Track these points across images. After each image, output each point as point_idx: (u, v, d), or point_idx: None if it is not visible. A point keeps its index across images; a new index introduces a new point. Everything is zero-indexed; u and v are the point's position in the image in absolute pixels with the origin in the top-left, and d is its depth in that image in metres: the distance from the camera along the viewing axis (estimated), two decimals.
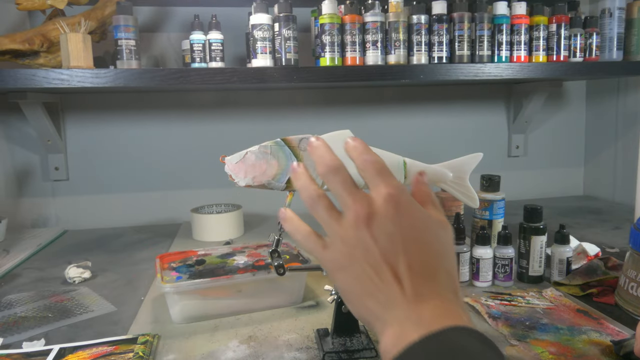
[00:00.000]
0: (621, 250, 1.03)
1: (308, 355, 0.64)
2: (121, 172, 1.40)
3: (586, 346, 0.64)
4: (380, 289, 0.38)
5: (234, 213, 1.24)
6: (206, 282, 0.73)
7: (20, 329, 0.74)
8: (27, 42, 1.05)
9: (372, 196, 0.40)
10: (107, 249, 1.16)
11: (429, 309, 0.36)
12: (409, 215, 0.40)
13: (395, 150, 0.69)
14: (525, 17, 1.19)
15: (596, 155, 1.65)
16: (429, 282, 0.38)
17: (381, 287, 0.38)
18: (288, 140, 0.62)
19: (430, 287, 0.38)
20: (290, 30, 1.09)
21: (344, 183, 0.41)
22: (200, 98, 1.42)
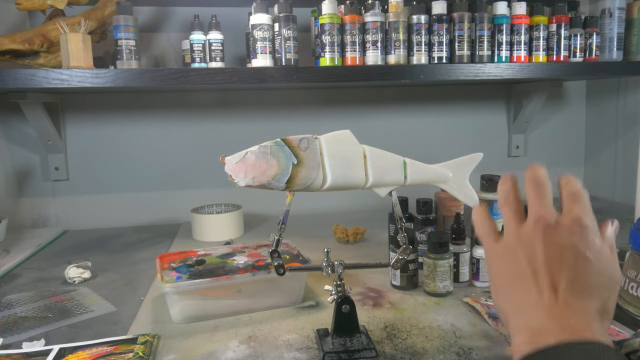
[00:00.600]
0: (621, 250, 1.03)
1: (308, 355, 0.64)
2: (121, 172, 1.40)
3: None
4: (532, 290, 0.39)
5: (234, 213, 1.24)
6: (206, 282, 0.73)
7: (20, 329, 0.74)
8: (27, 42, 1.05)
9: (562, 214, 0.42)
10: (107, 249, 1.16)
11: (573, 320, 0.37)
12: (587, 239, 0.41)
13: (395, 150, 0.69)
14: (525, 17, 1.19)
15: (596, 155, 1.65)
16: (582, 299, 0.38)
17: (533, 288, 0.39)
18: (288, 140, 0.62)
19: (582, 304, 0.38)
20: (290, 30, 1.09)
21: (542, 195, 0.43)
22: (200, 98, 1.42)
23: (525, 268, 0.40)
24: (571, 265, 0.39)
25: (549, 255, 0.40)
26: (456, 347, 0.65)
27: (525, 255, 0.41)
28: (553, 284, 0.39)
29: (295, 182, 0.62)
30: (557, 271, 0.39)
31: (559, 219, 0.42)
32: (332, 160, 0.63)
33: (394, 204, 0.69)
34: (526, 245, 0.41)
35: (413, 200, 0.95)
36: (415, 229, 0.93)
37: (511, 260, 0.42)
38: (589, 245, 0.40)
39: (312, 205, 1.46)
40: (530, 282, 0.40)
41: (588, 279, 0.39)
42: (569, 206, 0.42)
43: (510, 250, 0.42)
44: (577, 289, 0.38)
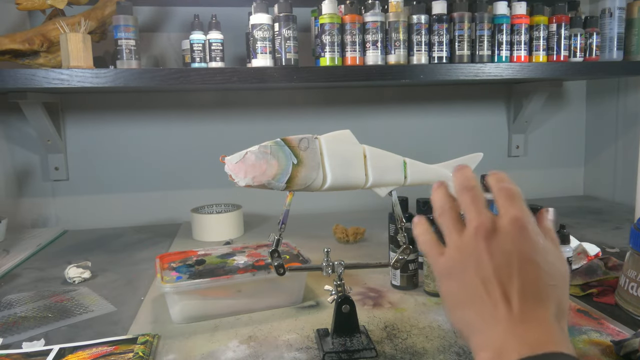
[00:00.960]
0: (621, 250, 1.03)
1: (308, 355, 0.64)
2: (121, 172, 1.40)
3: (586, 346, 0.64)
4: (485, 303, 0.38)
5: (234, 213, 1.24)
6: (206, 282, 0.73)
7: (20, 329, 0.74)
8: (27, 42, 1.05)
9: (499, 216, 0.41)
10: (107, 249, 1.16)
11: (533, 332, 0.36)
12: (531, 240, 0.40)
13: (395, 150, 0.69)
14: (525, 17, 1.19)
15: (596, 155, 1.64)
16: (537, 307, 0.37)
17: (486, 302, 0.38)
18: (288, 140, 0.62)
19: (538, 312, 0.37)
20: (290, 30, 1.09)
21: (475, 199, 0.42)
22: (200, 98, 1.42)
23: (474, 281, 0.39)
24: (520, 271, 0.38)
25: (496, 265, 0.39)
26: (456, 347, 0.65)
27: (472, 267, 0.40)
28: (505, 294, 0.38)
29: (295, 182, 0.62)
30: (506, 280, 0.38)
31: (498, 222, 0.40)
32: (332, 160, 0.63)
33: (394, 204, 0.69)
34: (471, 257, 0.40)
35: (413, 200, 0.95)
36: None
37: (459, 274, 0.41)
38: (534, 247, 0.39)
39: (312, 205, 1.46)
40: (482, 296, 0.39)
41: (539, 283, 0.38)
42: (505, 207, 0.41)
43: (456, 264, 0.41)
44: (530, 297, 0.38)
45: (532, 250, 0.39)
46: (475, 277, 0.39)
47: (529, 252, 0.39)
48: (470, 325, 0.39)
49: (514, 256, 0.39)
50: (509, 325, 0.37)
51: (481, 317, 0.38)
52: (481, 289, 0.39)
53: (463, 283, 0.40)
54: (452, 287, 0.41)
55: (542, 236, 0.41)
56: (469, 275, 0.40)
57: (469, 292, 0.40)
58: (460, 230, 0.42)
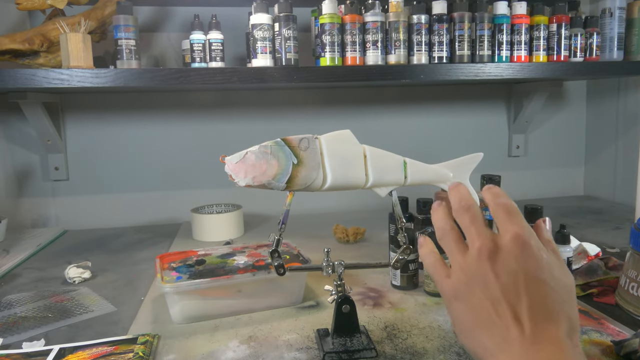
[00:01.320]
0: (622, 250, 1.03)
1: (308, 356, 0.64)
2: (121, 172, 1.40)
3: (587, 346, 0.64)
4: (497, 326, 0.38)
5: (234, 213, 1.24)
6: (206, 282, 0.73)
7: (20, 329, 0.74)
8: (27, 42, 1.05)
9: (499, 234, 0.41)
10: (107, 249, 1.16)
11: (546, 353, 0.36)
12: (534, 256, 0.40)
13: (395, 150, 0.69)
14: (525, 17, 1.19)
15: (596, 155, 1.64)
16: (548, 326, 0.37)
17: (498, 324, 0.38)
18: (288, 140, 0.62)
19: (549, 331, 0.37)
20: (291, 30, 1.09)
21: (474, 219, 0.42)
22: (200, 98, 1.42)
23: (483, 304, 0.39)
24: (527, 290, 0.38)
25: (503, 285, 0.39)
26: (456, 347, 0.65)
27: (479, 289, 0.40)
28: (515, 315, 0.38)
29: (295, 182, 0.62)
30: (515, 300, 0.38)
31: (499, 241, 0.40)
32: (332, 160, 0.63)
33: (394, 204, 0.69)
34: (477, 279, 0.40)
35: (413, 200, 0.95)
36: (415, 229, 0.93)
37: (467, 297, 0.41)
38: (539, 264, 0.39)
39: (312, 205, 1.46)
40: (493, 318, 0.39)
41: (548, 301, 0.38)
42: (505, 224, 0.41)
43: (463, 287, 0.41)
44: (540, 316, 0.38)
45: (537, 267, 0.39)
46: (484, 300, 0.39)
47: (534, 270, 0.39)
48: (483, 348, 0.39)
49: (519, 275, 0.39)
50: (522, 347, 0.36)
51: (494, 340, 0.38)
52: (491, 311, 0.39)
53: (472, 306, 0.40)
54: (461, 310, 0.41)
55: (545, 250, 0.41)
56: (477, 298, 0.40)
57: (479, 315, 0.39)
58: (463, 250, 0.42)
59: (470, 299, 0.40)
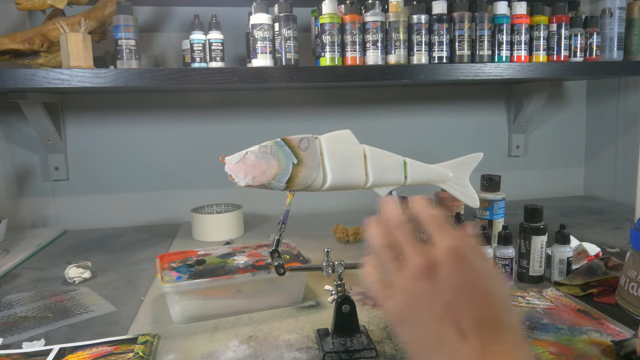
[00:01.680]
0: (622, 250, 1.03)
1: (308, 355, 0.64)
2: (121, 172, 1.40)
3: (587, 346, 0.64)
4: (445, 346, 0.37)
5: (234, 213, 1.24)
6: (206, 282, 0.73)
7: (20, 329, 0.74)
8: (27, 42, 1.05)
9: (434, 248, 0.40)
10: (107, 249, 1.16)
11: None
12: (472, 267, 0.39)
13: (395, 150, 0.69)
14: (525, 17, 1.19)
15: (596, 155, 1.64)
16: (495, 337, 0.37)
17: (446, 344, 0.37)
18: (288, 140, 0.62)
19: (497, 343, 0.37)
20: (291, 30, 1.09)
21: (406, 235, 0.41)
22: (200, 98, 1.42)
23: (429, 324, 0.38)
24: (470, 304, 0.38)
25: (445, 303, 0.38)
26: None
27: (423, 310, 0.39)
28: (462, 332, 0.37)
29: (295, 182, 0.62)
30: (460, 316, 0.37)
31: (434, 256, 0.39)
32: (332, 160, 0.63)
33: None
34: (418, 300, 0.39)
35: None
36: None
37: (412, 319, 0.40)
38: (476, 274, 0.39)
39: (312, 205, 1.46)
40: (440, 338, 0.38)
41: (492, 312, 0.38)
42: (438, 237, 0.41)
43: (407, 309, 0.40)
44: (486, 329, 0.37)
45: (476, 278, 0.39)
46: (429, 320, 0.39)
47: (474, 281, 0.39)
48: None
49: (460, 289, 0.38)
50: None
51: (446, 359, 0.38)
52: (438, 331, 0.38)
53: (418, 328, 0.39)
54: (409, 334, 0.40)
55: (480, 258, 0.41)
56: (421, 319, 0.39)
57: (427, 337, 0.39)
58: (400, 268, 0.41)
59: (415, 321, 0.39)
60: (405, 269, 0.40)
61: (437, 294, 0.38)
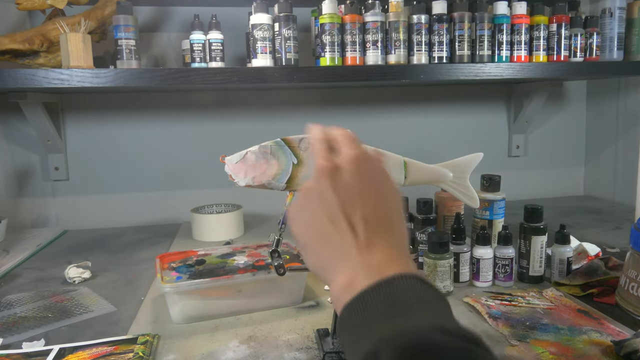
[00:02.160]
0: (622, 250, 1.03)
1: (308, 356, 0.64)
2: (121, 172, 1.40)
3: (587, 346, 0.64)
4: (334, 237, 0.41)
5: (234, 213, 1.24)
6: (206, 282, 0.73)
7: (20, 329, 0.74)
8: (27, 42, 1.05)
9: (340, 156, 0.45)
10: (107, 249, 1.16)
11: (379, 257, 0.39)
12: (370, 173, 0.44)
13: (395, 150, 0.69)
14: (525, 17, 1.19)
15: (597, 155, 1.64)
16: (381, 233, 0.41)
17: (335, 236, 0.41)
18: (288, 140, 0.62)
19: (382, 238, 0.41)
20: (290, 30, 1.09)
21: (322, 148, 0.46)
22: (200, 98, 1.42)
23: (321, 217, 0.42)
24: (361, 202, 0.41)
25: (339, 199, 0.41)
26: None
27: (317, 204, 0.42)
28: (351, 225, 0.40)
29: (295, 182, 0.62)
30: (351, 212, 0.41)
31: (339, 162, 0.44)
32: None
33: None
34: (315, 195, 0.43)
35: (413, 200, 0.95)
36: (415, 229, 0.93)
37: (306, 212, 0.44)
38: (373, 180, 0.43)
39: None
40: (330, 230, 0.41)
41: (380, 211, 0.42)
42: (345, 147, 0.45)
43: (304, 201, 0.44)
44: (373, 224, 0.41)
45: (369, 182, 0.43)
46: (322, 214, 0.42)
47: (367, 184, 0.43)
48: (324, 261, 0.42)
49: (354, 189, 0.42)
50: (357, 253, 0.39)
51: (332, 251, 0.41)
52: (329, 225, 0.41)
53: (311, 218, 0.43)
54: (301, 226, 0.44)
55: (381, 169, 0.45)
56: (315, 211, 0.42)
57: (318, 229, 0.42)
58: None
59: (310, 213, 0.43)
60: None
61: (333, 191, 0.42)
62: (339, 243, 0.40)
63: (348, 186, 0.42)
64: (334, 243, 0.41)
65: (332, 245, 0.41)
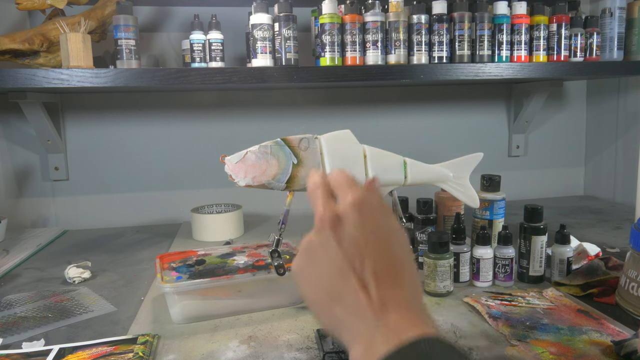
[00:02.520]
0: (622, 250, 1.03)
1: (308, 356, 0.64)
2: (121, 172, 1.40)
3: (587, 346, 0.64)
4: (346, 296, 0.38)
5: (234, 213, 1.24)
6: (206, 282, 0.73)
7: (20, 329, 0.74)
8: (27, 42, 1.05)
9: (339, 204, 0.41)
10: (107, 249, 1.16)
11: (396, 318, 0.36)
12: (373, 220, 0.40)
13: (395, 150, 0.69)
14: (525, 17, 1.19)
15: (597, 155, 1.64)
16: (394, 288, 0.38)
17: (347, 294, 0.38)
18: (288, 140, 0.62)
19: (395, 293, 0.38)
20: (290, 30, 1.09)
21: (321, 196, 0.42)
22: (200, 98, 1.42)
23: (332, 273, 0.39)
24: (369, 254, 0.39)
25: (345, 252, 0.39)
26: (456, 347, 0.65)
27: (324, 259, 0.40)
28: (361, 281, 0.38)
29: (295, 182, 0.62)
30: (359, 266, 0.38)
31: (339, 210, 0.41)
32: (333, 160, 0.63)
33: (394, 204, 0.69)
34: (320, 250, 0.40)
35: (413, 200, 0.95)
36: (415, 228, 0.93)
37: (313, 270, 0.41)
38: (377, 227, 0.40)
39: None
40: (341, 287, 0.38)
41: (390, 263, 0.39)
42: (342, 193, 0.42)
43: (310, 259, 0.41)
44: (384, 279, 0.38)
45: (375, 231, 0.40)
46: (331, 269, 0.39)
47: (372, 234, 0.40)
48: (339, 322, 0.39)
49: (360, 241, 0.39)
50: (372, 314, 0.37)
51: (346, 312, 0.38)
52: (338, 279, 0.39)
53: (320, 277, 0.40)
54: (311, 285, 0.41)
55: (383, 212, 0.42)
56: (323, 268, 0.40)
57: (329, 285, 0.39)
58: None
59: (317, 271, 0.40)
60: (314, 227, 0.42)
61: (338, 244, 0.39)
62: (352, 302, 0.37)
63: (352, 238, 0.39)
64: (347, 303, 0.38)
65: (344, 305, 0.38)
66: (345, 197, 0.41)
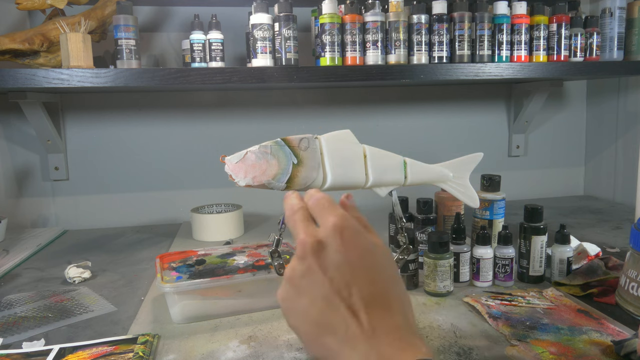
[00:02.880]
0: (622, 250, 1.03)
1: (308, 356, 0.64)
2: (121, 172, 1.40)
3: (587, 346, 0.64)
4: (337, 325, 0.37)
5: (234, 213, 1.24)
6: (206, 282, 0.73)
7: (20, 329, 0.74)
8: (27, 42, 1.04)
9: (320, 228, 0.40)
10: (107, 249, 1.16)
11: (387, 344, 0.35)
12: (357, 243, 0.39)
13: (395, 150, 0.69)
14: (525, 17, 1.19)
15: (597, 155, 1.64)
16: (383, 312, 0.37)
17: (337, 324, 0.37)
18: (288, 140, 0.62)
19: (385, 318, 0.37)
20: (291, 30, 1.09)
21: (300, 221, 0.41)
22: (200, 98, 1.42)
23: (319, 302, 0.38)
24: (356, 281, 0.37)
25: (331, 279, 0.37)
26: (456, 347, 0.65)
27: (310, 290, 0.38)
28: (351, 308, 0.36)
29: (295, 182, 0.62)
30: (346, 293, 0.37)
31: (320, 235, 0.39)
32: (332, 160, 0.63)
33: (394, 204, 0.69)
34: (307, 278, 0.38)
35: (413, 200, 0.95)
36: (415, 228, 0.93)
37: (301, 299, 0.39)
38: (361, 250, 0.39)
39: None
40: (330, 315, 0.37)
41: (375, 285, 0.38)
42: (322, 217, 0.41)
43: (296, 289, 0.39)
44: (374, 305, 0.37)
45: (358, 255, 0.39)
46: (318, 298, 0.38)
47: (358, 257, 0.38)
48: (330, 351, 0.37)
49: (345, 267, 0.38)
50: (364, 342, 0.36)
51: (337, 341, 0.37)
52: (326, 308, 0.37)
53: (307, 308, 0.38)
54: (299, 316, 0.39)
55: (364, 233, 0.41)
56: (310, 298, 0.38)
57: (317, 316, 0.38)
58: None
59: (304, 301, 0.38)
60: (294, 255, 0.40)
61: (322, 272, 0.38)
62: (343, 332, 0.36)
63: (337, 264, 0.38)
64: (338, 332, 0.36)
65: (335, 335, 0.37)
66: (325, 221, 0.40)
